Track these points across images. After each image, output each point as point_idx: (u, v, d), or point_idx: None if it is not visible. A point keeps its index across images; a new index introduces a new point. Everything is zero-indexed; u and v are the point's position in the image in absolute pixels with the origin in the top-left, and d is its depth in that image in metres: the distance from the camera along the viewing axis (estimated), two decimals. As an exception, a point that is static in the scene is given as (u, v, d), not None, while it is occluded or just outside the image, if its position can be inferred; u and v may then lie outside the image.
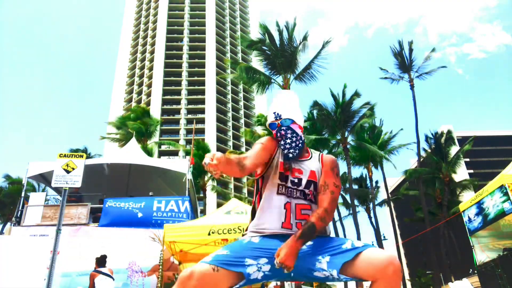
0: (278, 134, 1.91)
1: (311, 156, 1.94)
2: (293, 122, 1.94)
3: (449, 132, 29.51)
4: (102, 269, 6.26)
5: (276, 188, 1.83)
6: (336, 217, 28.96)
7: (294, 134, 1.91)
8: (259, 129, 24.68)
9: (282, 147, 1.89)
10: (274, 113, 1.95)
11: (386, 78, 28.16)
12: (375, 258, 1.54)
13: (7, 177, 32.13)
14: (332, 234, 1.85)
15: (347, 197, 29.27)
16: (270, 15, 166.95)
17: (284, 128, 1.91)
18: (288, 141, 1.88)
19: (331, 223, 1.79)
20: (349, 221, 51.12)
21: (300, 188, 1.82)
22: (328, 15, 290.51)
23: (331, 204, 1.77)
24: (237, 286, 1.64)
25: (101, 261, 6.46)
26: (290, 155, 1.86)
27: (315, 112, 24.96)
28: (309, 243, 1.72)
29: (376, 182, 32.79)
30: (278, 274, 1.68)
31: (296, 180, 1.83)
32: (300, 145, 1.90)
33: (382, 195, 36.57)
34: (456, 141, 29.62)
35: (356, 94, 24.06)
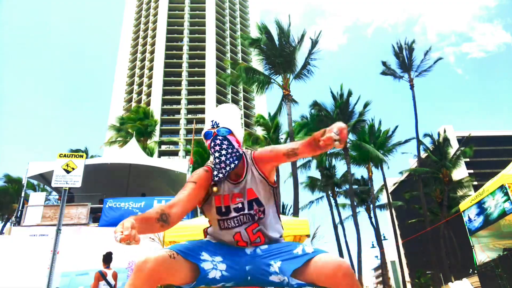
0: (213, 143, 1.73)
1: (247, 169, 1.77)
2: (230, 132, 1.76)
3: (445, 131, 29.55)
4: (108, 272, 6.20)
5: (218, 225, 1.75)
6: (336, 217, 28.95)
7: (230, 147, 1.73)
8: (259, 130, 24.66)
9: (214, 165, 1.75)
10: (212, 121, 1.78)
11: (387, 74, 28.16)
12: (323, 265, 1.51)
13: (7, 177, 32.12)
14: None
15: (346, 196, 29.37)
16: (270, 14, 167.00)
17: (220, 138, 1.73)
18: (223, 152, 1.72)
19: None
20: (349, 221, 51.12)
21: (245, 212, 1.72)
22: (327, 15, 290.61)
23: (285, 146, 1.67)
24: (194, 283, 1.59)
25: (107, 258, 6.41)
26: (221, 175, 1.72)
27: (314, 112, 24.99)
28: (264, 247, 1.72)
29: (382, 184, 32.84)
30: (236, 276, 1.65)
31: (239, 206, 1.72)
32: (234, 161, 1.72)
33: (382, 195, 36.57)
34: (456, 141, 29.60)
35: (349, 94, 24.16)
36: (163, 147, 60.24)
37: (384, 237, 27.55)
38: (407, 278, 46.40)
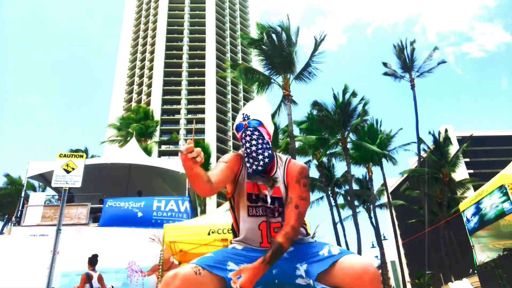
0: (244, 134, 1.77)
1: (277, 167, 1.80)
2: (261, 124, 1.81)
3: (446, 131, 29.55)
4: (94, 275, 6.25)
5: (246, 210, 1.76)
6: (336, 217, 28.95)
7: (261, 138, 1.77)
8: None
9: (246, 158, 1.76)
10: (243, 114, 1.84)
11: (388, 74, 28.15)
12: (350, 267, 1.48)
13: (7, 177, 32.12)
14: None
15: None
16: (271, 14, 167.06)
17: (251, 129, 1.78)
18: (254, 142, 1.75)
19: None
20: (349, 221, 51.11)
21: (268, 205, 1.74)
22: (327, 14, 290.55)
23: (298, 221, 1.66)
24: None
25: (92, 260, 6.48)
26: (255, 169, 1.73)
27: (315, 112, 24.98)
28: (290, 249, 1.69)
29: (382, 184, 32.83)
30: (263, 280, 1.63)
31: (265, 198, 1.74)
32: (266, 155, 1.74)
33: (382, 195, 36.57)
34: (456, 141, 29.58)
35: (353, 94, 24.15)
36: (163, 147, 60.24)
37: (384, 237, 27.58)
38: (407, 278, 46.39)
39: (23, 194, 10.78)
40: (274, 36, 19.88)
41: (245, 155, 1.78)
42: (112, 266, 8.62)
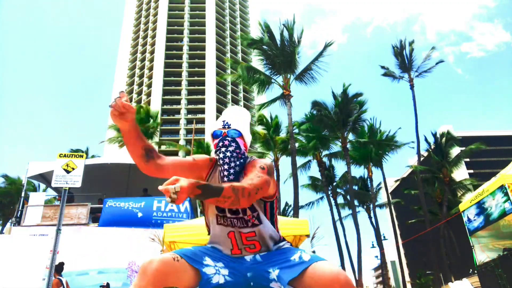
0: (221, 143, 1.74)
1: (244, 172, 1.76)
2: (240, 135, 1.78)
3: (449, 132, 29.55)
4: (63, 280, 6.42)
5: (215, 218, 1.74)
6: (336, 217, 28.97)
7: (238, 149, 1.74)
8: (259, 129, 24.64)
9: (220, 165, 1.73)
10: (223, 121, 1.79)
11: (387, 75, 28.19)
12: (321, 275, 1.47)
13: (5, 177, 32.12)
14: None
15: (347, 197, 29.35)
16: (270, 14, 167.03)
17: (229, 139, 1.74)
18: (228, 154, 1.71)
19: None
20: (349, 221, 51.12)
21: (240, 216, 1.69)
22: (327, 14, 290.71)
23: (250, 185, 1.51)
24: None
25: (58, 268, 6.65)
26: (225, 178, 1.70)
27: (314, 112, 24.98)
28: (263, 253, 1.70)
29: (379, 184, 32.83)
30: (239, 281, 1.64)
31: (233, 209, 1.68)
32: (239, 164, 1.72)
33: (382, 195, 36.59)
34: (457, 141, 29.56)
35: (357, 95, 24.13)
36: (163, 147, 60.24)
37: (384, 237, 27.58)
38: (407, 278, 46.40)
39: (23, 194, 10.78)
40: (277, 35, 19.88)
41: (219, 163, 1.74)
42: (112, 266, 8.63)
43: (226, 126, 1.77)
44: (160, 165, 1.64)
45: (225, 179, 1.70)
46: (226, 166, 1.71)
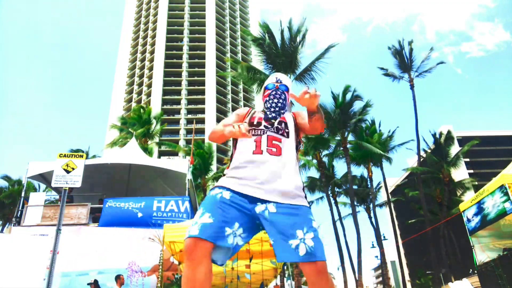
0: (274, 92, 2.14)
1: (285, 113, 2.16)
2: (287, 90, 2.18)
3: (449, 132, 29.55)
4: None
5: (250, 132, 1.99)
6: (336, 217, 28.96)
7: (285, 100, 2.14)
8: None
9: (267, 108, 2.11)
10: (277, 78, 2.20)
11: (387, 75, 28.20)
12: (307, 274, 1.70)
13: (6, 178, 32.13)
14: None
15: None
16: (270, 14, 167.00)
17: (280, 91, 2.15)
18: (280, 101, 2.12)
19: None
20: (349, 221, 51.18)
21: (274, 125, 2.02)
22: (327, 13, 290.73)
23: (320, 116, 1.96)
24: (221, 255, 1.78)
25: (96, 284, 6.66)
26: (271, 116, 2.07)
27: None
28: (272, 209, 1.78)
29: (378, 183, 32.83)
30: (253, 232, 1.84)
31: (270, 124, 2.03)
32: (283, 110, 2.12)
33: (382, 195, 36.60)
34: (456, 141, 29.59)
35: (357, 97, 24.13)
36: (163, 147, 60.22)
37: (384, 237, 27.53)
38: (407, 278, 46.41)
39: (23, 194, 10.78)
40: (277, 35, 19.85)
41: (267, 106, 2.13)
42: (112, 266, 8.63)
43: (279, 82, 2.18)
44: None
45: (271, 115, 2.07)
46: (272, 109, 2.10)
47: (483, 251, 7.78)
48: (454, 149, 29.28)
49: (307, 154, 26.63)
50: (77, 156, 6.13)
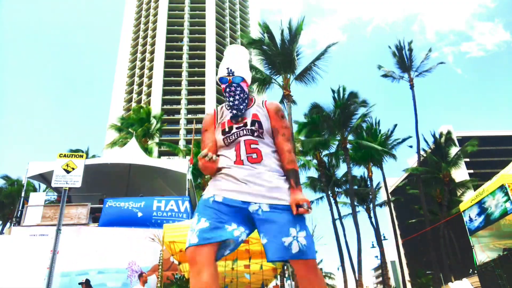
0: (228, 89, 2.01)
1: (253, 104, 2.07)
2: (243, 80, 2.03)
3: (448, 132, 29.55)
4: None
5: (223, 143, 1.97)
6: (336, 217, 28.95)
7: (243, 93, 2.01)
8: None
9: (228, 106, 2.02)
10: (228, 68, 2.02)
11: (387, 76, 28.20)
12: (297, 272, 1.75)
13: (6, 178, 32.11)
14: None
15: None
16: (271, 14, 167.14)
17: (235, 85, 2.01)
18: (237, 97, 1.99)
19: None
20: (349, 221, 51.13)
21: (247, 127, 1.95)
22: (327, 13, 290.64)
23: (289, 145, 1.96)
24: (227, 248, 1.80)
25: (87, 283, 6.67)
26: (236, 112, 1.99)
27: (314, 114, 24.97)
28: (265, 208, 1.78)
29: (378, 183, 32.83)
30: (248, 232, 1.83)
31: (241, 124, 1.97)
32: (245, 103, 2.02)
33: (382, 195, 36.59)
34: (455, 141, 29.60)
35: (354, 96, 24.13)
36: (163, 147, 60.17)
37: (384, 237, 27.53)
38: (407, 278, 46.39)
39: (23, 194, 10.77)
40: (277, 35, 19.85)
41: (228, 104, 2.03)
42: (112, 266, 8.63)
43: (231, 74, 2.01)
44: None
45: (234, 113, 1.99)
46: (235, 107, 2.00)
47: (483, 251, 7.77)
48: (454, 149, 29.25)
49: (307, 154, 26.63)
50: (77, 156, 6.13)
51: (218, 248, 1.74)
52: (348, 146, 24.83)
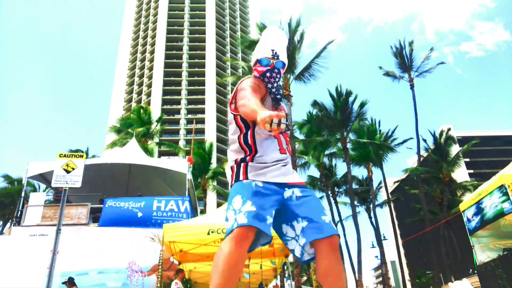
0: (269, 73, 1.90)
1: None
2: (284, 67, 1.96)
3: (448, 132, 29.54)
4: None
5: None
6: (336, 217, 28.94)
7: (281, 79, 1.98)
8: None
9: (271, 91, 1.94)
10: (273, 50, 1.92)
11: (388, 75, 28.19)
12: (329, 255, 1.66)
13: (6, 177, 32.10)
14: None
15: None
16: (271, 13, 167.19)
17: (276, 70, 1.92)
18: (276, 85, 1.93)
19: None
20: (349, 221, 51.13)
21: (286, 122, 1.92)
22: (326, 13, 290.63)
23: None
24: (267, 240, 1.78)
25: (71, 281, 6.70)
26: (279, 97, 1.94)
27: (314, 112, 24.98)
28: (298, 193, 1.80)
29: (379, 182, 32.82)
30: (274, 222, 1.79)
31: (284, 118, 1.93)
32: (281, 92, 1.99)
33: (382, 195, 36.60)
34: (456, 141, 29.57)
35: (348, 94, 24.15)
36: (163, 147, 60.14)
37: (384, 237, 27.53)
38: (407, 278, 46.39)
39: (23, 194, 10.77)
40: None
41: (270, 91, 1.95)
42: (112, 266, 8.63)
43: (276, 57, 1.91)
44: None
45: (278, 98, 1.95)
46: (277, 94, 1.94)
47: (483, 251, 7.77)
48: (454, 149, 29.25)
49: (307, 154, 26.64)
50: (77, 156, 6.13)
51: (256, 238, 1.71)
52: (348, 146, 24.85)
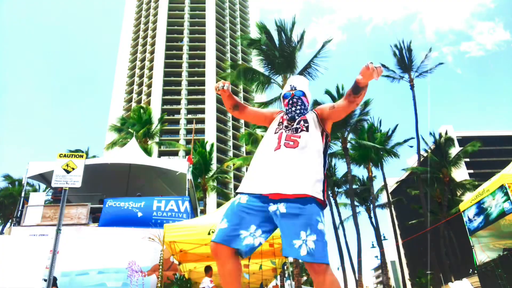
0: (290, 101, 2.26)
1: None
2: (304, 95, 2.29)
3: (447, 132, 29.55)
4: None
5: (274, 130, 2.21)
6: (336, 218, 28.96)
7: (303, 105, 2.27)
8: (258, 130, 24.57)
9: (288, 111, 2.25)
10: (291, 85, 2.32)
11: (387, 76, 28.18)
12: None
13: (7, 177, 32.12)
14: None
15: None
16: (271, 13, 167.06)
17: (296, 97, 2.27)
18: (297, 107, 2.24)
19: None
20: (349, 221, 51.10)
21: (293, 126, 2.16)
22: (326, 13, 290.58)
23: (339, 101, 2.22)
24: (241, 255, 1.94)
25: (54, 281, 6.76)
26: (295, 115, 2.21)
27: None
28: (282, 209, 1.90)
29: (379, 183, 32.83)
30: (269, 232, 1.97)
31: (289, 123, 2.20)
32: (301, 113, 2.25)
33: (382, 195, 36.57)
34: (456, 141, 29.56)
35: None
36: (163, 147, 60.16)
37: (384, 237, 27.53)
38: (407, 278, 46.39)
39: (23, 194, 10.77)
40: (275, 35, 19.84)
41: (287, 112, 2.27)
42: (112, 266, 8.62)
43: (294, 88, 2.30)
44: (241, 113, 2.36)
45: (289, 115, 2.25)
46: (289, 113, 2.24)
47: (483, 251, 7.77)
48: (454, 149, 29.24)
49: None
50: (77, 156, 6.12)
51: (237, 248, 1.90)
52: (348, 146, 24.82)
